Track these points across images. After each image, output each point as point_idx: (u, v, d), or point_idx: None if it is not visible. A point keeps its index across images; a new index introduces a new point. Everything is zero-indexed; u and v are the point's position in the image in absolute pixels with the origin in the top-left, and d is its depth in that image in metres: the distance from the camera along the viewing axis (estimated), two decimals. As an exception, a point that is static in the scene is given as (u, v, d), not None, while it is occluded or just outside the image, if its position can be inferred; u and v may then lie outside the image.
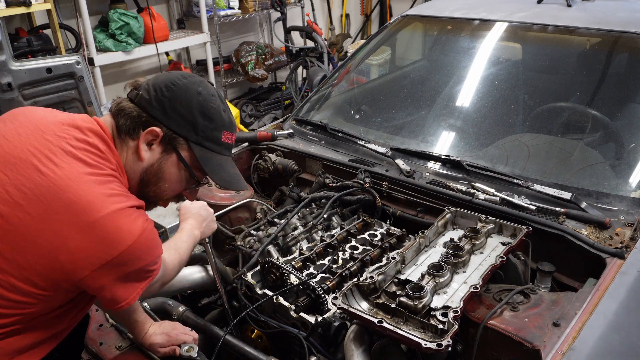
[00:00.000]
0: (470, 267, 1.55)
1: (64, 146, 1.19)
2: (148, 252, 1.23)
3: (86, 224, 1.12)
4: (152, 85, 1.30)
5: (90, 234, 1.12)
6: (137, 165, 1.31)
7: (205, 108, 1.31)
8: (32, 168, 1.15)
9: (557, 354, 1.27)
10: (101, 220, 1.13)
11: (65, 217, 1.12)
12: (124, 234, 1.15)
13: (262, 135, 2.50)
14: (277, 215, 2.06)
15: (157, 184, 1.34)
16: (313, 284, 1.62)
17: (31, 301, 1.18)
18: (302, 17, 6.34)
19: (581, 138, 2.21)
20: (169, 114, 1.28)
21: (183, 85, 1.30)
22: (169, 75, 1.33)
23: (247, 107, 5.98)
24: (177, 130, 1.30)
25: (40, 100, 3.07)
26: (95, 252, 1.13)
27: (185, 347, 1.56)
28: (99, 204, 1.14)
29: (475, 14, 2.75)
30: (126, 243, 1.15)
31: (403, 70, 3.23)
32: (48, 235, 1.12)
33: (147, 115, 1.28)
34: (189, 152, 1.33)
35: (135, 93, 1.30)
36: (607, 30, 2.38)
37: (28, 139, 1.20)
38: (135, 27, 4.59)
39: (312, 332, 1.56)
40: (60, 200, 1.12)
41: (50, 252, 1.13)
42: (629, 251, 1.59)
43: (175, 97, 1.29)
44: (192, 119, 1.30)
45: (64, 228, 1.12)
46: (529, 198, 1.84)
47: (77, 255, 1.13)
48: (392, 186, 2.07)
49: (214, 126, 1.33)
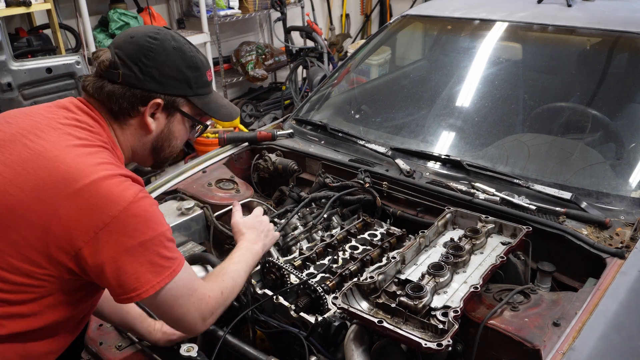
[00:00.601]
0: (470, 267, 1.55)
1: (51, 124, 1.19)
2: (147, 224, 1.12)
3: (74, 190, 1.08)
4: (128, 59, 1.24)
5: (79, 200, 1.08)
6: (146, 137, 1.32)
7: (188, 60, 1.31)
8: (21, 145, 1.14)
9: (557, 353, 1.27)
10: (90, 185, 1.09)
11: (53, 186, 1.09)
12: (114, 198, 1.09)
13: (262, 135, 2.50)
14: (277, 215, 2.06)
15: (170, 144, 1.37)
16: (313, 284, 1.62)
17: (34, 283, 1.12)
18: (302, 17, 6.34)
19: (581, 138, 2.21)
20: (162, 82, 1.27)
21: (158, 47, 1.26)
22: (138, 42, 1.25)
23: (247, 107, 5.98)
24: (175, 92, 1.30)
25: (40, 100, 3.08)
26: (87, 219, 1.07)
27: (185, 346, 1.56)
28: (87, 171, 1.10)
29: (476, 14, 2.75)
30: (117, 208, 1.08)
31: (403, 70, 3.23)
32: (39, 207, 1.08)
33: (140, 91, 1.25)
34: (189, 105, 1.35)
35: (116, 73, 1.24)
36: (607, 30, 2.38)
37: (17, 123, 1.20)
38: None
39: (312, 332, 1.56)
40: (48, 171, 1.10)
41: (43, 224, 1.08)
42: (629, 251, 1.59)
43: (159, 63, 1.26)
44: (182, 76, 1.30)
45: (53, 197, 1.08)
46: (529, 198, 1.84)
47: (69, 223, 1.08)
48: (392, 186, 2.07)
49: (200, 73, 1.34)
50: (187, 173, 2.31)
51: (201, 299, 1.24)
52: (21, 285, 1.12)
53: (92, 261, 1.09)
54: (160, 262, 1.13)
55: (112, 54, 1.26)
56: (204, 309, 1.25)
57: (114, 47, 1.27)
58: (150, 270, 1.11)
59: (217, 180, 2.27)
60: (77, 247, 1.08)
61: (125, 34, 1.31)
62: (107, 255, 1.09)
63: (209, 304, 1.26)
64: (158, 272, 1.12)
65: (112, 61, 1.25)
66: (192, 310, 1.22)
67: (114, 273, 1.10)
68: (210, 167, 2.37)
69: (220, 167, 2.39)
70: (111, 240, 1.08)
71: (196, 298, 1.22)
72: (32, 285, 1.12)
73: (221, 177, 2.30)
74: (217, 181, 2.27)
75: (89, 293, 1.25)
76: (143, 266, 1.11)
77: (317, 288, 1.61)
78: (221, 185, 2.26)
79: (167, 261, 1.14)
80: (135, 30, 1.32)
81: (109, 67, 1.25)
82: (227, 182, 2.28)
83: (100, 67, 1.26)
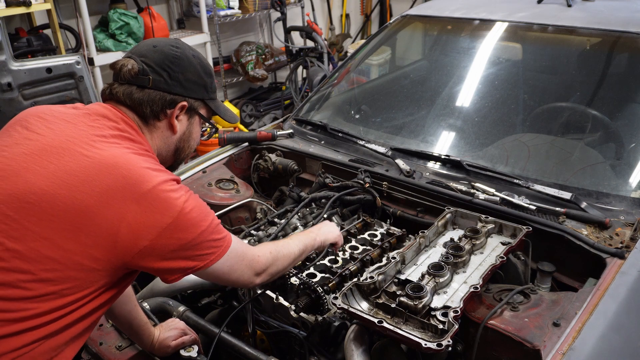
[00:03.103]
0: (470, 267, 1.55)
1: (99, 133, 1.26)
2: (198, 220, 1.25)
3: (140, 195, 1.18)
4: (157, 65, 1.36)
5: (145, 203, 1.18)
6: (171, 139, 1.43)
7: (205, 67, 1.44)
8: (77, 153, 1.21)
9: (557, 354, 1.27)
10: (153, 190, 1.19)
11: (120, 192, 1.17)
12: (172, 201, 1.21)
13: (262, 135, 2.50)
14: (277, 215, 2.06)
15: (189, 145, 1.48)
16: (313, 284, 1.63)
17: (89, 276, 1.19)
18: (302, 17, 6.34)
19: (581, 138, 2.21)
20: (186, 87, 1.39)
21: (182, 54, 1.39)
22: (163, 50, 1.38)
23: (247, 107, 5.98)
24: (196, 96, 1.42)
25: (40, 101, 3.07)
26: (151, 220, 1.18)
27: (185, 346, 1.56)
28: (148, 176, 1.21)
29: (475, 14, 2.75)
30: (176, 209, 1.20)
31: (403, 70, 3.23)
32: (108, 211, 1.16)
33: (169, 94, 1.37)
34: (205, 108, 1.47)
35: (146, 78, 1.35)
36: (607, 30, 2.38)
37: (63, 131, 1.26)
38: (135, 27, 4.59)
39: (312, 332, 1.56)
40: (113, 177, 1.18)
41: (112, 227, 1.16)
42: (629, 251, 1.59)
43: (184, 70, 1.39)
44: (202, 82, 1.43)
45: (120, 202, 1.17)
46: (529, 198, 1.84)
47: (136, 225, 1.17)
48: (392, 186, 2.07)
49: (213, 79, 1.49)
50: (187, 173, 2.31)
51: (251, 259, 1.39)
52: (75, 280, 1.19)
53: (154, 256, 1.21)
54: (213, 244, 1.28)
55: (138, 62, 1.35)
56: (256, 267, 1.40)
57: (138, 56, 1.37)
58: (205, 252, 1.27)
59: (217, 180, 2.27)
60: (141, 246, 1.18)
61: (145, 44, 1.42)
62: (168, 249, 1.21)
63: (259, 262, 1.41)
64: (212, 252, 1.28)
65: (141, 68, 1.35)
66: (245, 272, 1.38)
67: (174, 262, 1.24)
68: (210, 167, 2.37)
69: (220, 167, 2.39)
70: (173, 237, 1.20)
71: (247, 261, 1.38)
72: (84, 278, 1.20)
73: (221, 177, 2.30)
74: (217, 181, 2.27)
75: (121, 288, 1.33)
76: (198, 251, 1.25)
77: (317, 288, 1.61)
78: (221, 185, 2.26)
79: (217, 242, 1.29)
80: (155, 40, 1.45)
81: (138, 73, 1.35)
82: (227, 182, 2.28)
83: (127, 75, 1.35)
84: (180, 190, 1.25)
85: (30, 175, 1.17)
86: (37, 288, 1.15)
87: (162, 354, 1.61)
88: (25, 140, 1.24)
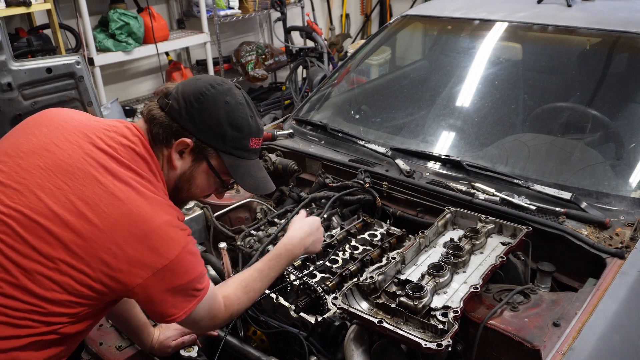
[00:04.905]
0: (470, 267, 1.55)
1: (116, 156, 1.26)
2: (193, 265, 1.27)
3: (143, 234, 1.19)
4: (181, 94, 1.34)
5: (145, 242, 1.19)
6: (172, 173, 1.38)
7: (233, 119, 1.35)
8: (92, 179, 1.21)
9: (557, 354, 1.27)
10: (157, 230, 1.21)
11: (126, 228, 1.18)
12: (172, 244, 1.22)
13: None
14: (277, 215, 2.06)
15: (190, 189, 1.41)
16: (313, 284, 1.62)
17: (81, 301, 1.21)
18: (302, 17, 6.34)
19: (581, 138, 2.21)
20: (198, 126, 1.33)
21: (212, 95, 1.34)
22: (197, 84, 1.35)
23: (247, 107, 5.97)
24: (207, 140, 1.35)
25: (40, 101, 3.07)
26: (149, 260, 1.19)
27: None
28: (154, 215, 1.22)
29: (475, 14, 2.75)
30: (174, 253, 1.22)
31: (403, 70, 3.23)
32: (112, 246, 1.18)
33: (177, 125, 1.33)
34: (218, 160, 1.38)
35: (166, 102, 1.34)
36: (607, 30, 2.38)
37: (81, 147, 1.26)
38: (135, 27, 4.59)
39: (312, 332, 1.56)
40: (121, 212, 1.19)
41: (112, 260, 1.18)
42: (629, 251, 1.59)
43: (204, 109, 1.33)
44: (220, 130, 1.34)
45: (124, 238, 1.18)
46: (529, 198, 1.84)
47: (134, 261, 1.19)
48: (392, 186, 2.07)
49: (242, 135, 1.38)
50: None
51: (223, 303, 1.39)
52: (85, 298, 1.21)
53: (144, 293, 1.23)
54: (193, 293, 1.29)
55: (175, 86, 1.36)
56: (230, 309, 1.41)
57: (182, 83, 1.38)
58: (185, 300, 1.28)
59: (217, 181, 2.27)
60: (135, 283, 1.20)
61: (197, 76, 1.42)
62: (157, 290, 1.23)
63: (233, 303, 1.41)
64: (190, 301, 1.29)
65: (170, 92, 1.35)
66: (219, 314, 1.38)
67: (159, 303, 1.25)
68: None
69: (220, 167, 2.39)
70: (165, 279, 1.22)
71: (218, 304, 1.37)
72: (76, 302, 1.21)
73: (221, 177, 2.30)
74: (217, 181, 2.27)
75: (109, 309, 1.36)
76: (180, 298, 1.27)
77: (317, 288, 1.61)
78: (221, 185, 2.26)
79: (198, 292, 1.30)
80: (206, 76, 1.43)
81: (165, 95, 1.36)
82: (227, 182, 2.28)
83: (161, 94, 1.37)
84: (181, 233, 1.26)
85: (44, 195, 1.19)
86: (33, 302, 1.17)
87: (162, 354, 1.61)
88: (42, 150, 1.25)
